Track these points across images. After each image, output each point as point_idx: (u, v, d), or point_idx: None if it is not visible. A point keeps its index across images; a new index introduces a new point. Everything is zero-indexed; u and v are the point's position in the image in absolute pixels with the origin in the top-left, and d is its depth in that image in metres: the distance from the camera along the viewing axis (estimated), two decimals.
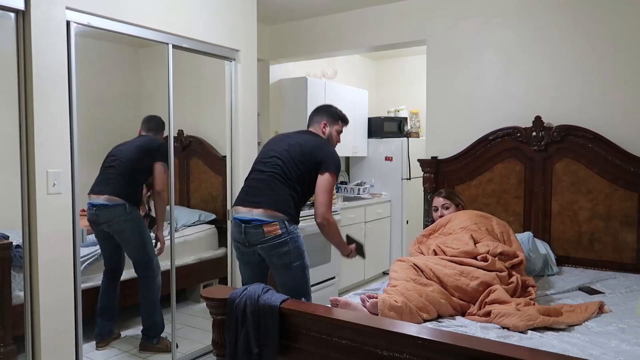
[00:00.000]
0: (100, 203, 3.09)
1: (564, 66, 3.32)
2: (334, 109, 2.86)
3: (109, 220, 3.10)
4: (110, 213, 3.08)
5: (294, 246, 2.52)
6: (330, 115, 2.83)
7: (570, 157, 3.25)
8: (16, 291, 2.62)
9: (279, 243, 2.47)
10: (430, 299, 2.15)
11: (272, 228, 2.46)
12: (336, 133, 2.85)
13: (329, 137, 2.81)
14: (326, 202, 2.56)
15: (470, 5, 3.65)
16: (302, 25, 4.54)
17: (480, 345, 1.50)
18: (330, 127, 2.81)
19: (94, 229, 3.18)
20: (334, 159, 2.64)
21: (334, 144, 2.82)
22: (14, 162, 2.30)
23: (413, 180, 5.30)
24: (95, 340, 3.23)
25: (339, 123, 2.85)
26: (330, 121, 2.82)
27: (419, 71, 5.43)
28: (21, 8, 2.24)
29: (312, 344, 1.81)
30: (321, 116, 2.82)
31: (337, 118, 2.84)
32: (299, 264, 2.55)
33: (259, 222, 2.47)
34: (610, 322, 2.15)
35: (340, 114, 2.87)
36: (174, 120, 3.03)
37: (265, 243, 2.48)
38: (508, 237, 2.76)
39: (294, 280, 2.56)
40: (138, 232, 3.16)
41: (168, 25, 2.88)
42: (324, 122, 2.81)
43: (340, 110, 2.90)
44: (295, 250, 2.54)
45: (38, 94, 2.29)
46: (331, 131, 2.82)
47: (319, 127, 2.80)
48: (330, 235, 2.65)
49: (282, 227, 2.48)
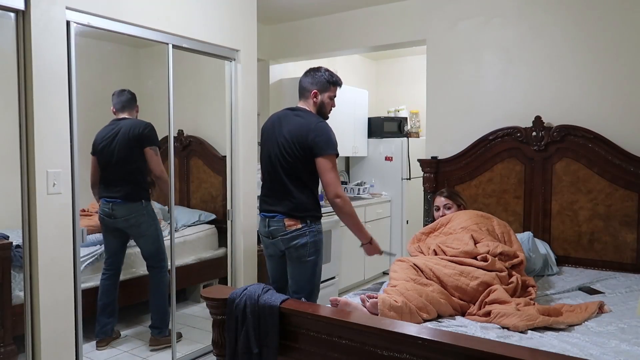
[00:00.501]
0: (117, 199, 3.18)
1: (564, 66, 3.33)
2: (322, 72, 2.66)
3: (127, 215, 3.20)
4: (128, 208, 3.20)
5: (312, 240, 2.58)
6: (319, 83, 2.64)
7: (570, 157, 3.25)
8: (16, 291, 2.62)
9: (298, 235, 2.56)
10: (430, 299, 2.15)
11: (293, 222, 2.57)
12: (329, 99, 2.67)
13: (321, 106, 2.66)
14: (332, 181, 2.50)
15: (470, 5, 3.65)
16: (302, 25, 4.54)
17: (480, 345, 1.50)
18: (321, 95, 2.65)
19: (106, 224, 3.24)
20: (324, 140, 2.51)
21: (327, 111, 2.69)
22: (14, 162, 2.30)
23: (413, 180, 5.31)
24: (95, 340, 3.24)
25: (330, 88, 2.66)
26: (321, 88, 2.64)
27: (419, 71, 5.43)
28: (21, 8, 2.24)
29: (312, 344, 1.81)
30: (310, 84, 2.65)
31: (327, 83, 2.65)
32: (312, 259, 2.59)
33: (282, 216, 2.58)
34: (610, 322, 2.15)
35: (331, 78, 2.66)
36: (174, 120, 3.03)
37: (285, 235, 2.57)
38: (509, 237, 2.76)
39: (305, 275, 2.62)
40: (154, 225, 3.27)
41: (168, 25, 2.88)
42: (314, 91, 2.64)
43: (331, 72, 2.69)
44: (312, 245, 2.58)
45: (38, 94, 2.29)
46: (323, 99, 2.65)
47: (310, 97, 2.65)
48: (347, 216, 2.58)
49: (303, 223, 2.57)
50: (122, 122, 3.25)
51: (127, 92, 3.29)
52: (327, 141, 2.52)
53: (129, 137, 3.18)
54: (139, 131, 3.20)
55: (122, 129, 3.22)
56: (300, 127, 2.56)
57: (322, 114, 2.68)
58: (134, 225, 3.24)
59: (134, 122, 3.25)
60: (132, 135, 3.19)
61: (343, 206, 2.53)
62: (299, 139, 2.53)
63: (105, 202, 3.21)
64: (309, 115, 2.61)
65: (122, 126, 3.23)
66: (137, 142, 3.19)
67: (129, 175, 3.20)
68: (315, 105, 2.65)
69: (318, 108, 2.66)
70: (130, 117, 3.28)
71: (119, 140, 3.20)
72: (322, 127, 2.55)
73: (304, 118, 2.59)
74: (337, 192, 2.50)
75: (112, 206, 3.19)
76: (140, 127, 3.21)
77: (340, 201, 2.52)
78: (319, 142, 2.51)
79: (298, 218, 2.56)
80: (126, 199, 3.19)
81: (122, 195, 3.19)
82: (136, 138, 3.19)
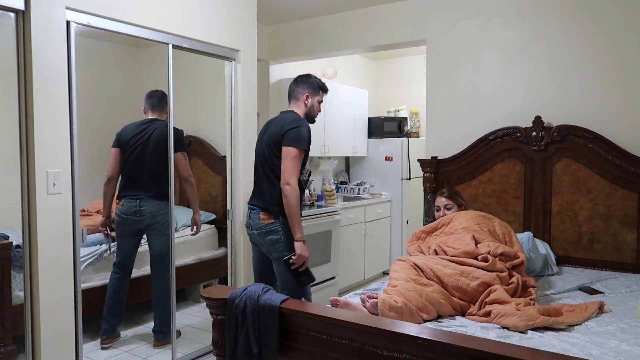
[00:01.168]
0: (143, 196, 3.22)
1: (564, 66, 3.32)
2: (313, 79, 2.89)
3: (155, 212, 3.23)
4: (155, 205, 3.23)
5: (286, 238, 2.68)
6: (311, 87, 2.85)
7: (570, 157, 3.25)
8: (16, 291, 2.62)
9: (270, 230, 2.71)
10: (430, 299, 2.15)
11: (267, 216, 2.74)
12: (317, 103, 2.89)
13: (311, 109, 2.85)
14: (287, 169, 2.63)
15: (470, 5, 3.65)
16: (302, 25, 4.54)
17: (480, 345, 1.50)
18: (312, 99, 2.85)
19: (127, 223, 3.25)
20: (294, 132, 2.66)
21: (315, 114, 2.89)
22: (14, 162, 2.30)
23: (413, 180, 5.31)
24: (101, 338, 3.25)
25: (319, 93, 2.88)
26: (312, 92, 2.85)
27: (419, 71, 5.43)
28: (21, 8, 2.24)
29: (312, 344, 1.81)
30: (302, 87, 2.85)
31: (318, 89, 2.87)
32: (289, 257, 2.66)
33: (258, 210, 2.77)
34: (610, 322, 2.15)
35: (321, 83, 2.90)
36: (174, 120, 3.03)
37: (259, 229, 2.75)
38: (509, 238, 2.76)
39: (284, 273, 2.71)
40: (168, 226, 3.28)
41: (168, 25, 2.88)
42: (305, 94, 2.84)
43: (319, 79, 2.92)
44: (287, 243, 2.69)
45: (38, 94, 2.29)
46: (313, 102, 2.85)
47: (301, 99, 2.84)
48: (288, 205, 2.64)
49: (276, 218, 2.72)
50: (156, 122, 3.28)
51: (160, 93, 3.32)
52: (296, 134, 2.66)
53: (162, 141, 3.16)
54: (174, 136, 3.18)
55: (158, 130, 3.24)
56: (280, 122, 2.75)
57: (310, 117, 2.86)
58: (158, 223, 3.24)
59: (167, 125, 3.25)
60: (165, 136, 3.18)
61: (288, 195, 2.63)
62: (275, 134, 2.71)
63: (130, 199, 3.22)
64: (292, 115, 2.79)
65: (157, 127, 3.25)
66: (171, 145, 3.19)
67: (160, 176, 3.19)
68: (305, 107, 2.84)
69: (308, 110, 2.84)
70: (161, 119, 3.30)
71: (154, 141, 3.22)
72: (296, 122, 2.71)
73: (288, 116, 2.78)
74: (289, 180, 2.63)
75: (139, 202, 3.20)
76: (176, 132, 3.21)
77: (288, 189, 2.62)
78: (289, 134, 2.66)
79: (271, 212, 2.72)
80: (155, 197, 3.22)
81: (152, 194, 3.21)
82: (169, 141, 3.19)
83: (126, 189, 3.26)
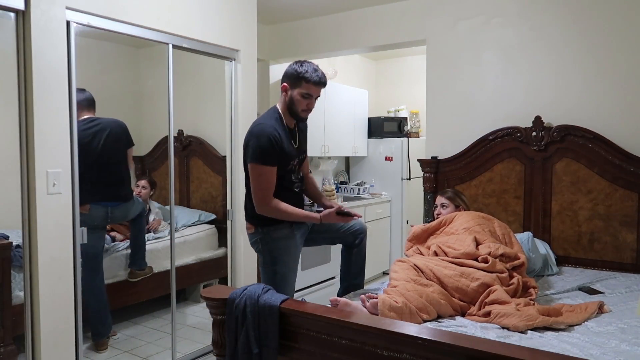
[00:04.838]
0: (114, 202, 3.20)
1: (564, 66, 3.32)
2: (297, 65, 2.27)
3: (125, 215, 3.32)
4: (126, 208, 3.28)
5: (265, 248, 2.43)
6: (289, 75, 2.28)
7: (570, 157, 3.25)
8: (16, 291, 2.62)
9: (253, 240, 2.50)
10: (430, 299, 2.15)
11: (249, 226, 2.49)
12: (300, 97, 2.27)
13: (290, 102, 2.29)
14: (257, 192, 2.27)
15: (470, 5, 3.65)
16: (302, 25, 4.54)
17: (480, 345, 1.50)
18: (291, 90, 2.28)
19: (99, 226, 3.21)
20: (250, 145, 2.25)
21: (298, 110, 2.31)
22: (14, 162, 2.30)
23: (413, 180, 5.31)
24: (97, 341, 3.19)
25: (302, 84, 2.25)
26: (291, 82, 2.28)
27: (419, 71, 5.43)
28: (21, 8, 2.24)
29: (312, 344, 1.81)
30: (283, 76, 2.31)
31: (298, 78, 2.24)
32: (271, 269, 2.42)
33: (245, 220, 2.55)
34: (610, 322, 2.15)
35: (304, 72, 2.23)
36: (174, 120, 3.03)
37: (249, 239, 2.55)
38: (509, 239, 2.76)
39: (271, 283, 2.38)
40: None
41: (168, 25, 2.88)
42: (283, 84, 2.30)
43: (311, 66, 2.27)
44: (267, 254, 2.42)
45: (38, 94, 2.29)
46: (292, 94, 2.28)
47: (282, 92, 2.33)
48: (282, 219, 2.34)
49: (256, 229, 2.44)
50: (102, 120, 3.09)
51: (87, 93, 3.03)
52: (252, 148, 2.24)
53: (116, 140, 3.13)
54: (123, 130, 3.21)
55: (109, 129, 3.09)
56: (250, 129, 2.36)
57: (294, 113, 2.35)
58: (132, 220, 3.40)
59: (117, 123, 3.19)
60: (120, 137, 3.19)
61: (273, 215, 2.31)
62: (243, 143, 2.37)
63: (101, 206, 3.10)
64: (262, 116, 2.39)
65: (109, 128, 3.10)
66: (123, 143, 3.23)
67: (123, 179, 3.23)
68: (285, 101, 2.34)
69: (288, 105, 2.33)
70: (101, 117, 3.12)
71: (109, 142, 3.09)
72: (248, 133, 2.31)
73: (257, 119, 2.38)
74: (261, 208, 2.28)
75: (111, 209, 3.16)
76: (123, 126, 3.19)
77: (267, 210, 2.29)
78: (245, 147, 2.31)
79: (251, 223, 2.45)
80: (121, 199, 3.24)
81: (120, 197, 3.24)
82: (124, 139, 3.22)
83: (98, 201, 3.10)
